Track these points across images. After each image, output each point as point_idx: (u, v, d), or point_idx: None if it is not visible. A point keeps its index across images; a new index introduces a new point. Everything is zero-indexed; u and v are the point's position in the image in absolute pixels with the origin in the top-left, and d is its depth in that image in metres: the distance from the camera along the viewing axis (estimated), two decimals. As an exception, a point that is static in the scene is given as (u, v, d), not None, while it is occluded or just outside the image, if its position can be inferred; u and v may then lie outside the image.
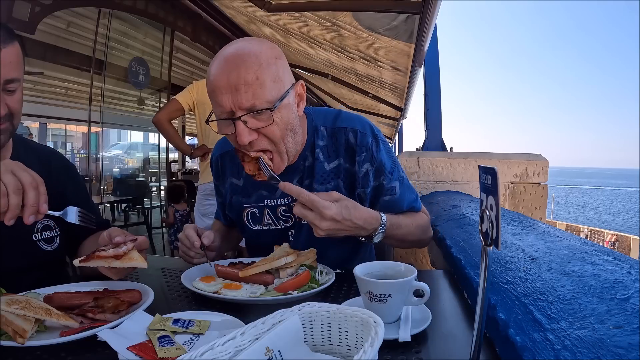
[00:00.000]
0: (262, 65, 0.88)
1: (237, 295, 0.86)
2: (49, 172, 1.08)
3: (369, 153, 1.05)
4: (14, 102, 0.88)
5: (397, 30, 2.50)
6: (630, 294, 0.56)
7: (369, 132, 1.07)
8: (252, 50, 0.89)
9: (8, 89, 0.86)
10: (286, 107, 0.94)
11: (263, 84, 0.88)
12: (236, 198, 1.16)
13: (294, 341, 0.55)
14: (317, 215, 0.89)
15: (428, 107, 2.61)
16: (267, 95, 0.89)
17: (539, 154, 2.30)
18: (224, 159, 1.20)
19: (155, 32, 4.95)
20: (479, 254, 0.54)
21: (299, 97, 0.99)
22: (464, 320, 0.78)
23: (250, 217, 1.15)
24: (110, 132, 5.58)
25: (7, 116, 0.87)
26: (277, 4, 2.75)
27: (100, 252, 0.85)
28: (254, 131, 0.91)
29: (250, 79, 0.87)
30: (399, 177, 1.11)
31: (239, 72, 0.87)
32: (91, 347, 0.67)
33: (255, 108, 0.89)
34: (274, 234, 1.13)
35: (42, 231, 1.02)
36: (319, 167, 1.07)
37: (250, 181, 1.12)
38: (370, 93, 5.25)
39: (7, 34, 0.84)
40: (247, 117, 0.89)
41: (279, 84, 0.91)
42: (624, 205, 54.25)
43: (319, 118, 1.10)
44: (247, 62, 0.87)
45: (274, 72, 0.90)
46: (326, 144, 1.08)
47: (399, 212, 1.11)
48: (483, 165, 0.53)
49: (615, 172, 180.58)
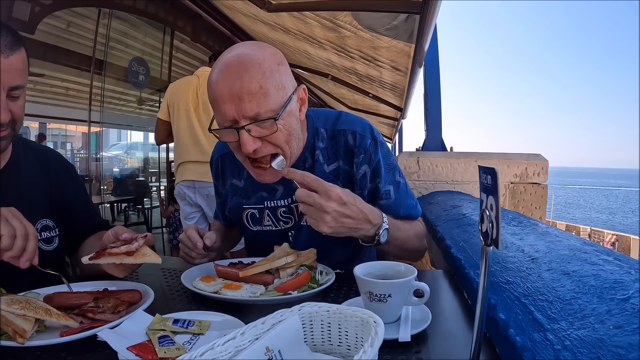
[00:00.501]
0: (266, 73, 0.87)
1: (237, 295, 0.86)
2: (48, 173, 1.08)
3: (367, 155, 1.05)
4: (17, 108, 0.89)
5: (397, 30, 2.50)
6: (630, 294, 0.56)
7: (369, 134, 1.07)
8: (255, 58, 0.88)
9: (12, 96, 0.87)
10: (289, 113, 0.94)
11: (267, 93, 0.87)
12: (236, 199, 1.16)
13: (294, 341, 0.55)
14: (322, 196, 0.85)
15: (428, 107, 2.61)
16: (271, 103, 0.88)
17: (539, 154, 2.30)
18: (224, 160, 1.20)
19: (155, 32, 4.95)
20: (479, 254, 0.54)
21: (301, 102, 0.99)
22: (464, 320, 0.78)
23: (250, 219, 1.15)
24: (110, 132, 5.58)
25: (10, 122, 0.88)
26: (277, 3, 2.75)
27: (111, 249, 0.86)
28: (258, 139, 0.90)
29: (254, 89, 0.86)
30: (394, 181, 1.09)
31: (242, 82, 0.85)
32: (91, 347, 0.67)
33: (259, 117, 0.88)
34: (273, 235, 1.12)
35: (42, 231, 1.02)
36: (319, 169, 1.07)
37: (250, 182, 1.12)
38: (370, 93, 5.25)
39: (14, 41, 0.85)
40: (251, 126, 0.88)
41: (282, 92, 0.91)
42: (624, 205, 54.31)
43: (320, 120, 1.10)
44: (251, 70, 0.86)
45: (277, 80, 0.89)
46: (326, 146, 1.08)
47: (397, 215, 1.09)
48: (483, 165, 0.53)
49: (615, 172, 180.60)
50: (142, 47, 4.91)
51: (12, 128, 0.90)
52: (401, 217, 1.10)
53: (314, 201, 0.85)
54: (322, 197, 0.85)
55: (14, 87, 0.86)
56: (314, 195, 0.85)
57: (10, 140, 0.93)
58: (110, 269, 0.90)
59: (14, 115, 0.89)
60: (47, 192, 1.07)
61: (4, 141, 0.90)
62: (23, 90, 0.89)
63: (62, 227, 1.08)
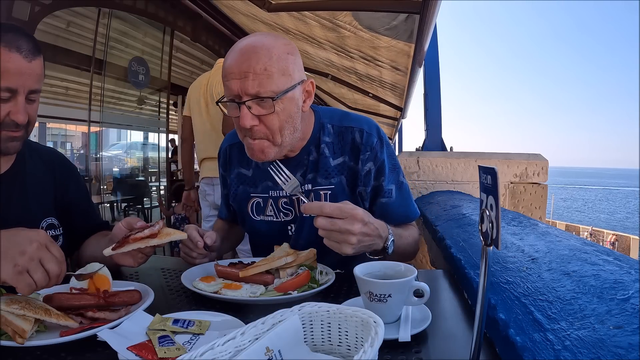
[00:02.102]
0: (273, 58, 0.94)
1: (237, 295, 0.86)
2: (52, 172, 1.10)
3: (373, 152, 1.09)
4: (32, 110, 0.93)
5: (397, 29, 2.50)
6: (630, 294, 0.56)
7: (375, 133, 1.10)
8: (266, 44, 0.95)
9: (30, 99, 0.91)
10: (290, 100, 0.98)
11: (270, 75, 0.93)
12: (243, 188, 1.19)
13: (294, 341, 0.55)
14: (347, 221, 0.87)
15: (428, 107, 2.61)
16: (273, 85, 0.94)
17: (539, 154, 2.30)
18: (233, 149, 1.23)
19: (155, 32, 4.95)
20: (479, 254, 0.54)
21: (306, 94, 1.03)
22: (464, 320, 0.78)
23: (254, 207, 1.18)
24: (110, 132, 5.57)
25: (25, 124, 0.92)
26: (277, 3, 2.75)
27: (135, 235, 0.88)
28: (256, 117, 0.96)
29: (259, 70, 0.93)
30: (398, 181, 1.13)
31: (250, 62, 0.93)
32: (91, 347, 0.67)
33: (259, 95, 0.94)
34: (274, 226, 1.15)
35: (47, 229, 1.04)
36: (324, 162, 1.10)
37: (258, 172, 1.16)
38: (370, 93, 5.25)
39: (35, 48, 0.90)
40: (251, 103, 0.95)
41: (287, 78, 0.96)
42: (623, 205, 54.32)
43: (326, 115, 1.14)
44: (259, 53, 0.94)
45: (282, 66, 0.95)
46: (332, 141, 1.11)
47: (394, 215, 1.12)
48: (483, 165, 0.53)
49: (614, 172, 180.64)
50: (142, 47, 4.90)
51: (25, 130, 0.94)
52: (400, 216, 1.13)
53: (339, 227, 0.87)
54: (346, 221, 0.87)
55: (32, 91, 0.91)
56: (337, 222, 0.87)
57: (22, 141, 0.95)
58: (126, 260, 0.93)
59: (29, 117, 0.92)
60: (52, 192, 1.09)
61: (17, 142, 0.93)
62: (38, 94, 0.94)
63: (65, 226, 1.10)
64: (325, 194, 1.10)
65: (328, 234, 0.87)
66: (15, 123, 0.89)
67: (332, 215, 0.87)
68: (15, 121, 0.88)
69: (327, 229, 0.87)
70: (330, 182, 1.09)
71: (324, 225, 0.86)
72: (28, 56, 0.87)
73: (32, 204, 1.02)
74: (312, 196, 1.10)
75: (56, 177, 1.10)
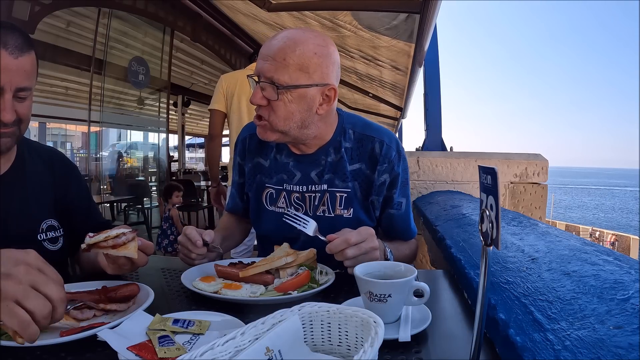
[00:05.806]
0: (296, 52, 0.98)
1: (237, 295, 0.86)
2: (53, 173, 1.09)
3: (390, 165, 1.12)
4: (23, 108, 0.90)
5: (397, 29, 2.50)
6: (630, 294, 0.56)
7: (395, 146, 1.14)
8: (297, 38, 1.00)
9: (19, 97, 0.88)
10: (301, 97, 1.01)
11: (287, 66, 0.98)
12: (260, 177, 1.22)
13: (294, 341, 0.55)
14: (369, 240, 0.92)
15: (428, 107, 2.61)
16: (286, 76, 0.99)
17: (539, 154, 2.30)
18: (252, 139, 1.25)
19: (155, 32, 4.95)
20: (479, 254, 0.54)
21: (325, 98, 1.04)
22: (464, 320, 0.78)
23: (268, 198, 1.20)
24: (110, 132, 5.57)
25: (15, 121, 0.89)
26: (277, 3, 2.75)
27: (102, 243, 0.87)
28: (265, 99, 1.01)
29: (279, 58, 0.98)
30: (406, 195, 1.17)
31: (275, 49, 0.99)
32: (91, 347, 0.67)
33: (272, 80, 0.99)
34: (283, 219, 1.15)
35: (47, 231, 1.03)
36: (342, 165, 1.13)
37: (275, 163, 1.18)
38: (370, 92, 5.25)
39: (25, 43, 0.86)
40: (265, 85, 1.00)
41: (304, 75, 1.00)
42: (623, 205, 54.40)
43: (349, 121, 1.17)
44: (286, 44, 0.99)
45: (303, 62, 0.99)
46: (351, 147, 1.14)
47: (399, 227, 1.17)
48: (483, 165, 0.53)
49: (613, 172, 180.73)
50: (141, 47, 4.91)
51: (18, 127, 0.91)
52: (404, 230, 1.18)
53: (365, 250, 0.91)
54: (368, 241, 0.92)
55: (21, 89, 0.87)
56: (361, 246, 0.91)
57: (15, 140, 0.94)
58: (104, 266, 0.92)
59: (21, 115, 0.90)
60: (52, 192, 1.08)
61: (7, 138, 0.91)
62: (30, 92, 0.91)
63: (66, 227, 1.09)
64: (342, 196, 1.12)
65: (356, 260, 0.89)
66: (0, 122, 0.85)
67: (358, 242, 0.91)
68: (1, 119, 0.85)
69: (357, 256, 0.90)
70: (347, 186, 1.12)
71: (354, 254, 0.90)
72: (14, 52, 0.84)
73: (32, 204, 1.02)
74: (327, 196, 1.12)
75: (56, 177, 1.10)
